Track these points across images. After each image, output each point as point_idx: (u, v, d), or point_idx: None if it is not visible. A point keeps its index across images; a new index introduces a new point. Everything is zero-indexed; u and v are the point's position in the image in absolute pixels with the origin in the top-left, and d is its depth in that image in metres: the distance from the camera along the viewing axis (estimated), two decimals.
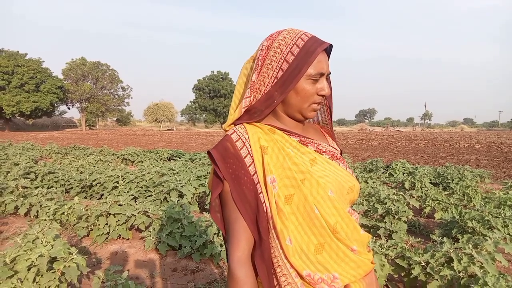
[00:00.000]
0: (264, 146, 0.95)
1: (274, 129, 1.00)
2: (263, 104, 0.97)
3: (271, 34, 1.00)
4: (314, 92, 0.96)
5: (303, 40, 0.94)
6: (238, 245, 0.89)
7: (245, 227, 0.91)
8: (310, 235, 0.92)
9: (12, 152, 11.91)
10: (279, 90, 0.95)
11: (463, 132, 45.25)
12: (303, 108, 0.98)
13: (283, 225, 0.90)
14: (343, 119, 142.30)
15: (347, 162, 9.96)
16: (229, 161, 0.92)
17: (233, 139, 0.95)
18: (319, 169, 0.97)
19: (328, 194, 0.93)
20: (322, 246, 0.92)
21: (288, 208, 0.91)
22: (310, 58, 0.92)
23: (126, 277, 2.49)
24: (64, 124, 63.92)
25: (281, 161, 0.94)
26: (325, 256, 0.92)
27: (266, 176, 0.92)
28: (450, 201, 5.22)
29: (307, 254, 0.91)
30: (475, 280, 2.43)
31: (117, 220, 4.15)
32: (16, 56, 43.14)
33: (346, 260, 0.94)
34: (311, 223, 0.91)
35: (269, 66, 0.96)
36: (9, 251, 2.61)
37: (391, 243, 3.13)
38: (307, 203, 0.91)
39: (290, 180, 0.92)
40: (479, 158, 13.88)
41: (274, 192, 0.91)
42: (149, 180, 6.36)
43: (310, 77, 0.94)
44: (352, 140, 25.27)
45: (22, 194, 5.36)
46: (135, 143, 21.56)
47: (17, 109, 41.53)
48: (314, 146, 1.03)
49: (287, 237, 0.89)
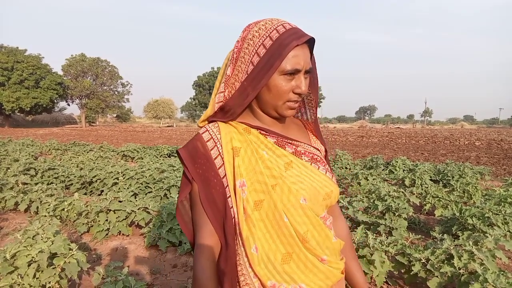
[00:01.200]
0: (237, 148, 0.90)
1: (249, 129, 0.94)
2: (236, 100, 0.90)
3: (249, 24, 0.91)
4: (289, 89, 0.88)
5: (278, 32, 0.85)
6: (204, 251, 0.86)
7: (212, 231, 0.87)
8: (278, 244, 0.87)
9: (12, 148, 11.90)
10: (250, 86, 0.88)
11: (463, 129, 45.27)
12: (278, 106, 0.90)
13: (250, 232, 0.85)
14: (343, 116, 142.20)
15: (348, 159, 9.96)
16: (198, 162, 0.88)
17: (204, 139, 0.91)
18: (293, 174, 0.91)
19: (300, 202, 0.88)
20: (290, 255, 0.87)
21: (257, 214, 0.86)
22: (283, 52, 0.83)
23: (127, 273, 2.49)
24: (64, 121, 63.91)
25: (253, 164, 0.89)
26: (292, 266, 0.87)
27: (236, 179, 0.87)
28: (451, 198, 5.22)
29: (273, 264, 0.86)
30: (475, 277, 2.43)
31: (117, 216, 4.15)
32: (15, 52, 43.01)
33: (315, 271, 0.89)
34: (279, 231, 0.87)
35: (242, 60, 0.89)
36: (10, 247, 2.61)
37: (391, 239, 3.13)
38: (276, 210, 0.86)
39: (261, 185, 0.87)
40: (480, 155, 13.88)
41: (243, 197, 0.86)
42: (149, 176, 6.36)
43: (284, 73, 0.86)
44: (352, 137, 25.27)
45: (22, 190, 5.35)
46: (135, 140, 21.55)
47: (16, 105, 41.47)
48: (292, 148, 0.96)
49: (252, 245, 0.85)
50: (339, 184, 7.17)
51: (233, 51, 0.91)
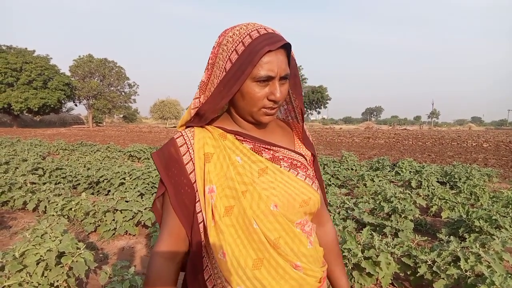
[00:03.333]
0: (209, 153, 0.90)
1: (225, 134, 0.93)
2: (209, 105, 0.90)
3: (225, 29, 0.90)
4: (263, 95, 0.86)
5: (251, 38, 0.84)
6: (163, 246, 0.90)
7: (173, 231, 0.90)
8: (248, 249, 0.86)
9: (21, 148, 12.04)
10: (222, 92, 0.87)
11: (471, 131, 44.83)
12: (253, 112, 0.89)
13: (217, 238, 0.86)
14: (349, 117, 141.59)
15: (354, 160, 9.92)
16: (170, 166, 0.90)
17: (178, 144, 0.92)
18: (266, 180, 0.90)
19: (270, 208, 0.87)
20: (261, 261, 0.87)
21: (227, 220, 0.86)
22: (254, 58, 0.81)
23: (133, 272, 2.51)
24: (71, 121, 64.37)
25: (225, 170, 0.89)
26: (263, 272, 0.86)
27: (205, 185, 0.88)
28: (457, 200, 5.19)
29: (244, 269, 0.85)
30: (482, 279, 2.41)
31: (124, 216, 4.18)
32: (24, 53, 43.43)
33: (286, 277, 0.88)
34: (250, 237, 0.86)
35: (217, 65, 0.88)
36: (19, 246, 2.64)
37: (397, 241, 3.12)
38: (245, 216, 0.86)
39: (231, 191, 0.87)
40: (487, 157, 13.75)
41: (211, 203, 0.87)
42: (156, 176, 6.40)
43: (257, 79, 0.84)
44: (359, 138, 25.16)
45: (31, 190, 5.41)
46: (142, 140, 21.66)
47: (25, 105, 41.84)
48: (269, 153, 0.94)
49: (219, 250, 0.86)
50: (345, 186, 7.15)
51: (209, 57, 0.91)
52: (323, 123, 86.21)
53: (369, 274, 2.88)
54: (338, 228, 3.65)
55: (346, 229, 3.66)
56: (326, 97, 67.03)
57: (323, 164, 9.81)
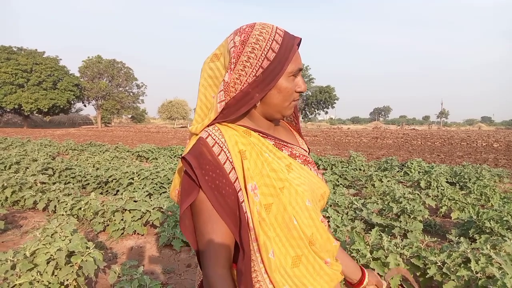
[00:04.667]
0: (243, 151, 0.87)
1: (249, 131, 0.92)
2: (239, 102, 0.88)
3: (241, 28, 0.90)
4: (293, 89, 0.91)
5: (281, 36, 0.88)
6: (219, 260, 0.81)
7: (224, 240, 0.83)
8: (288, 247, 0.86)
9: (31, 148, 12.18)
10: (258, 88, 0.87)
11: (480, 131, 44.34)
12: (284, 107, 0.92)
13: (266, 237, 0.84)
14: (357, 117, 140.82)
15: (362, 160, 9.87)
16: (206, 168, 0.83)
17: (209, 144, 0.86)
18: (295, 176, 0.91)
19: (306, 203, 0.88)
20: (299, 258, 0.87)
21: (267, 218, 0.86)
22: (290, 54, 0.87)
23: (142, 272, 2.53)
24: (81, 121, 65.01)
25: (260, 167, 0.87)
26: (302, 270, 0.87)
27: (247, 183, 0.84)
28: (467, 200, 5.12)
29: (285, 268, 0.85)
30: (493, 281, 2.38)
31: (133, 216, 4.21)
32: (34, 54, 43.98)
33: (321, 273, 0.89)
34: (289, 235, 0.86)
35: (247, 64, 0.86)
36: (29, 245, 2.67)
37: (406, 242, 3.09)
38: (286, 213, 0.85)
39: (269, 188, 0.86)
40: (498, 157, 13.57)
41: (256, 201, 0.84)
42: (164, 177, 6.43)
43: (291, 74, 0.89)
44: (367, 138, 25.01)
45: (41, 190, 5.48)
46: (150, 140, 21.79)
47: (35, 106, 42.36)
48: (288, 150, 0.96)
49: (270, 249, 0.84)
50: (353, 186, 7.11)
51: (230, 57, 0.87)
52: (331, 123, 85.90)
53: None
54: (347, 229, 3.64)
55: (355, 229, 3.65)
56: (334, 97, 66.70)
57: (331, 165, 9.78)
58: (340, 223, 3.74)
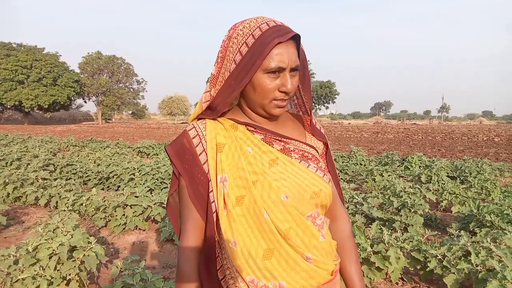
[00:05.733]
0: (221, 143, 0.92)
1: (236, 125, 0.95)
2: (221, 98, 0.92)
3: (235, 23, 0.92)
4: (274, 87, 0.87)
5: (261, 30, 0.85)
6: (188, 242, 0.90)
7: (197, 224, 0.91)
8: (259, 239, 0.87)
9: (32, 144, 12.20)
10: (233, 85, 0.88)
11: (481, 125, 44.23)
12: (264, 104, 0.90)
13: (229, 227, 0.87)
14: (358, 112, 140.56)
15: (362, 155, 9.86)
16: (185, 158, 0.92)
17: (190, 136, 0.94)
18: (277, 171, 0.90)
19: (281, 198, 0.87)
20: (271, 251, 0.87)
21: (238, 209, 0.87)
22: (264, 50, 0.83)
23: (143, 266, 2.54)
24: (81, 118, 65.03)
25: (236, 160, 0.90)
26: (273, 263, 0.87)
27: (217, 174, 0.89)
28: (468, 194, 5.13)
29: (254, 259, 0.86)
30: (493, 274, 2.39)
31: (134, 211, 4.22)
32: (34, 50, 43.92)
33: (297, 268, 0.87)
34: (260, 227, 0.86)
35: (228, 58, 0.89)
36: (32, 240, 2.69)
37: (407, 236, 3.10)
38: (256, 206, 0.86)
39: (242, 180, 0.88)
40: (499, 152, 13.57)
41: (224, 192, 0.88)
42: (165, 172, 6.45)
43: (268, 71, 0.85)
44: (367, 133, 25.00)
45: (42, 186, 5.50)
46: (150, 136, 21.80)
47: (35, 102, 42.36)
48: (280, 144, 0.95)
49: (231, 239, 0.86)
50: (354, 180, 7.12)
51: (219, 51, 0.92)
52: (332, 118, 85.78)
53: (378, 269, 2.87)
54: None
55: (355, 223, 3.66)
56: (335, 92, 66.65)
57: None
58: None
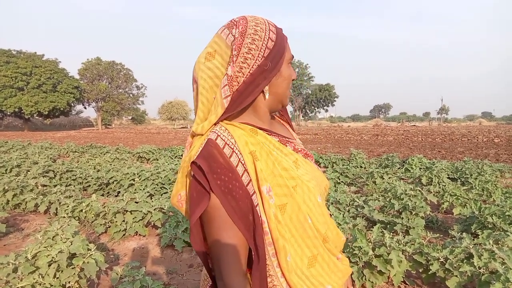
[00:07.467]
0: (253, 151, 0.82)
1: (256, 130, 0.87)
2: (243, 94, 0.83)
3: (234, 21, 0.87)
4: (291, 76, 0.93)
5: (274, 26, 0.90)
6: (237, 267, 0.77)
7: (240, 246, 0.78)
8: (303, 247, 0.84)
9: (31, 151, 12.18)
10: (261, 76, 0.84)
11: (481, 126, 44.25)
12: (285, 95, 0.92)
13: (285, 240, 0.81)
14: (357, 115, 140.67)
15: (362, 158, 9.86)
16: (217, 172, 0.76)
17: (220, 145, 0.80)
18: (304, 172, 0.88)
19: (318, 200, 0.86)
20: (315, 258, 0.85)
21: (282, 220, 0.82)
22: (285, 43, 0.90)
23: (144, 273, 2.52)
24: (81, 123, 65.08)
25: (271, 167, 0.83)
26: (317, 269, 0.85)
27: (260, 185, 0.80)
28: (469, 196, 5.11)
29: (301, 269, 0.83)
30: (496, 276, 2.37)
31: (134, 217, 4.20)
32: (34, 57, 44.04)
33: (335, 270, 0.88)
34: (304, 234, 0.83)
35: (248, 56, 0.83)
36: (31, 247, 2.67)
37: (409, 238, 3.08)
38: (300, 212, 0.82)
39: (282, 188, 0.82)
40: (499, 153, 13.55)
41: (272, 203, 0.80)
42: (165, 177, 6.43)
43: (289, 61, 0.92)
44: (367, 136, 24.99)
45: (42, 192, 5.47)
46: (150, 141, 21.79)
47: (35, 109, 42.41)
48: (291, 145, 0.92)
49: (288, 253, 0.81)
50: (354, 183, 7.11)
51: (231, 49, 0.84)
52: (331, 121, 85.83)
53: (380, 272, 2.85)
54: (348, 226, 3.63)
55: (357, 227, 3.64)
56: (334, 95, 66.67)
57: (331, 162, 9.76)
58: (342, 220, 3.73)
